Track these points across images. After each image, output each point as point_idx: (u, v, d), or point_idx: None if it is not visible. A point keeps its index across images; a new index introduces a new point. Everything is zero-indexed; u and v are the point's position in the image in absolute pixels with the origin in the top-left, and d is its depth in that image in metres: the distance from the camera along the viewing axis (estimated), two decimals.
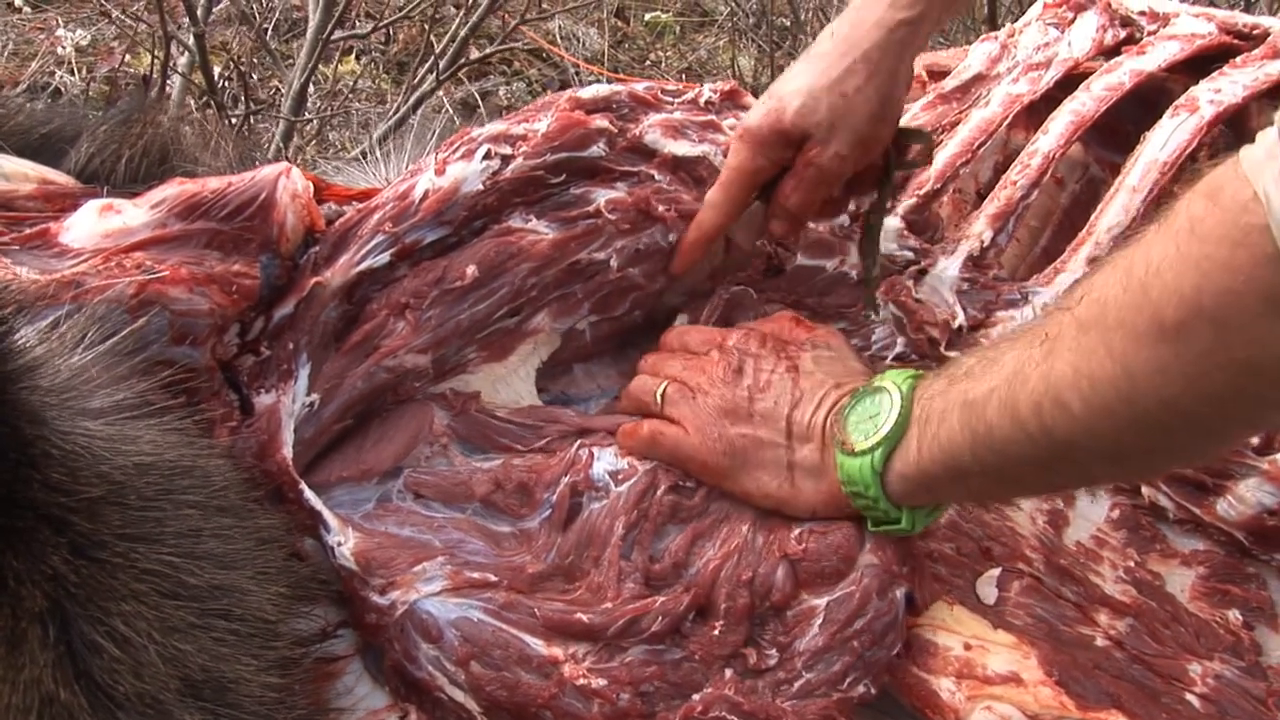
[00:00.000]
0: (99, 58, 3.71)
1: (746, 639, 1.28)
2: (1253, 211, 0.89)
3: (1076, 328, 1.06)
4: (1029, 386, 1.10)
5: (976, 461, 1.17)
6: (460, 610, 1.23)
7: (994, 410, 1.14)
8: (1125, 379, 1.01)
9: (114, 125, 1.35)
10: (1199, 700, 1.36)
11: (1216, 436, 1.08)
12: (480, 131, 1.39)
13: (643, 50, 4.63)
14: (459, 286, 1.36)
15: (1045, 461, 1.13)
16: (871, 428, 1.27)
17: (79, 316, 1.10)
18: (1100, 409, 1.04)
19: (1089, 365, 1.04)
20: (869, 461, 1.25)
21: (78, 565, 0.94)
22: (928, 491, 1.27)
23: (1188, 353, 0.96)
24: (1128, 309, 1.00)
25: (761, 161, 1.44)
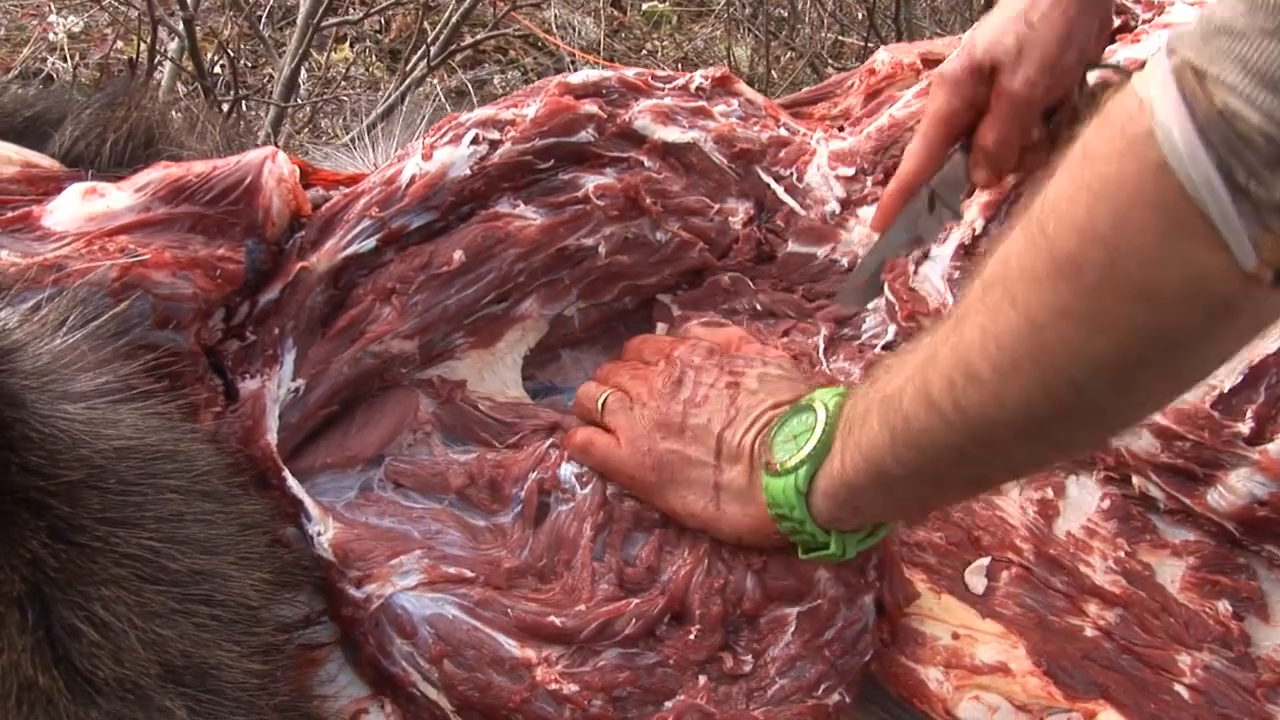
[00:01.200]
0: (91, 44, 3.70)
1: (722, 644, 1.28)
2: (1138, 120, 0.85)
3: (982, 288, 1.00)
4: (940, 365, 1.04)
5: (898, 463, 1.11)
6: (435, 606, 1.22)
7: (909, 399, 1.08)
8: (1029, 330, 0.95)
9: (99, 109, 1.34)
10: (1188, 691, 1.35)
11: (1129, 392, 0.98)
12: (468, 116, 1.39)
13: (639, 40, 4.62)
14: (446, 272, 1.35)
15: (964, 448, 1.06)
16: (795, 446, 1.21)
17: (60, 300, 1.09)
18: (1009, 370, 0.98)
19: (995, 324, 0.98)
20: (792, 481, 1.20)
21: (57, 549, 0.94)
22: (854, 510, 1.20)
23: (1085, 285, 0.91)
24: (1027, 254, 0.95)
25: (957, 103, 1.45)
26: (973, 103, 1.45)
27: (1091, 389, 0.96)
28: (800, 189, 1.54)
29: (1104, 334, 0.91)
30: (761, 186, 1.54)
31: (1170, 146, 0.82)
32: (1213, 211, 0.82)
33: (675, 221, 1.48)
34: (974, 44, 1.43)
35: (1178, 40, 0.85)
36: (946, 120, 1.46)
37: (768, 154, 1.54)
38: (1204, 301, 0.87)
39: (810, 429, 1.21)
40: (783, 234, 1.55)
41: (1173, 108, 0.83)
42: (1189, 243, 0.84)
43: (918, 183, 1.48)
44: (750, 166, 1.53)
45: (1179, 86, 0.83)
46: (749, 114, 1.55)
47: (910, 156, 1.48)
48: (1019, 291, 0.95)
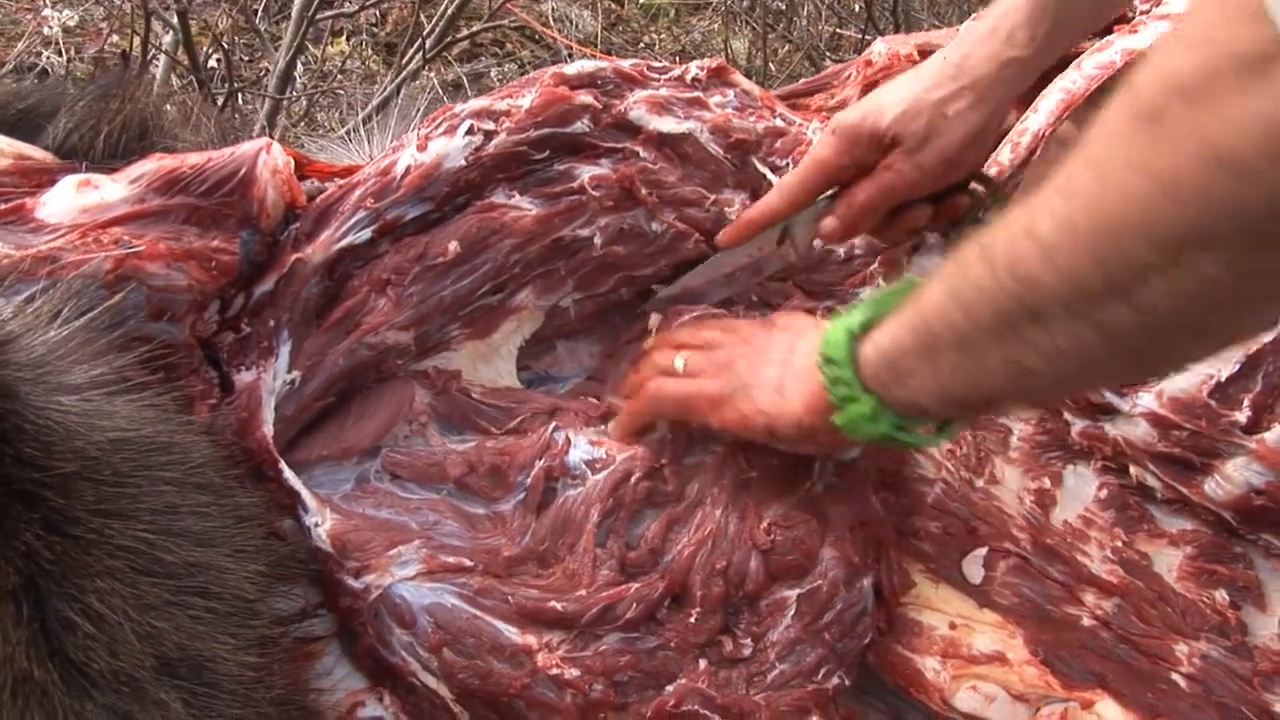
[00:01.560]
0: (86, 38, 3.69)
1: (722, 627, 1.28)
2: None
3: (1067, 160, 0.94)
4: (1011, 224, 0.99)
5: (945, 322, 1.08)
6: (434, 595, 1.22)
7: (974, 256, 1.03)
8: (1098, 185, 0.89)
9: (92, 101, 1.33)
10: (1185, 680, 1.35)
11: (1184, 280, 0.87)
12: (463, 107, 1.39)
13: (636, 33, 4.61)
14: (441, 263, 1.35)
15: (1008, 312, 1.00)
16: (867, 302, 1.22)
17: (55, 292, 1.09)
18: (1066, 227, 0.92)
19: (1068, 180, 0.93)
20: (846, 324, 1.20)
21: (51, 541, 0.94)
22: (895, 372, 1.17)
23: (1163, 141, 0.83)
24: (1112, 110, 0.89)
25: (846, 160, 1.44)
26: (860, 163, 1.44)
27: (1143, 263, 0.87)
28: None
29: (1173, 200, 0.83)
30: (757, 177, 1.54)
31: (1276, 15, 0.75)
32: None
33: (671, 212, 1.48)
34: (882, 111, 1.41)
35: None
36: (829, 171, 1.45)
37: (764, 144, 1.54)
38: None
39: (889, 291, 1.22)
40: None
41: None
42: (1274, 102, 0.77)
43: (779, 219, 1.48)
44: (746, 157, 1.53)
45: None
46: (745, 105, 1.55)
47: (781, 192, 1.47)
48: (1097, 148, 0.90)
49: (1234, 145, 0.79)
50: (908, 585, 1.35)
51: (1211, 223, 0.82)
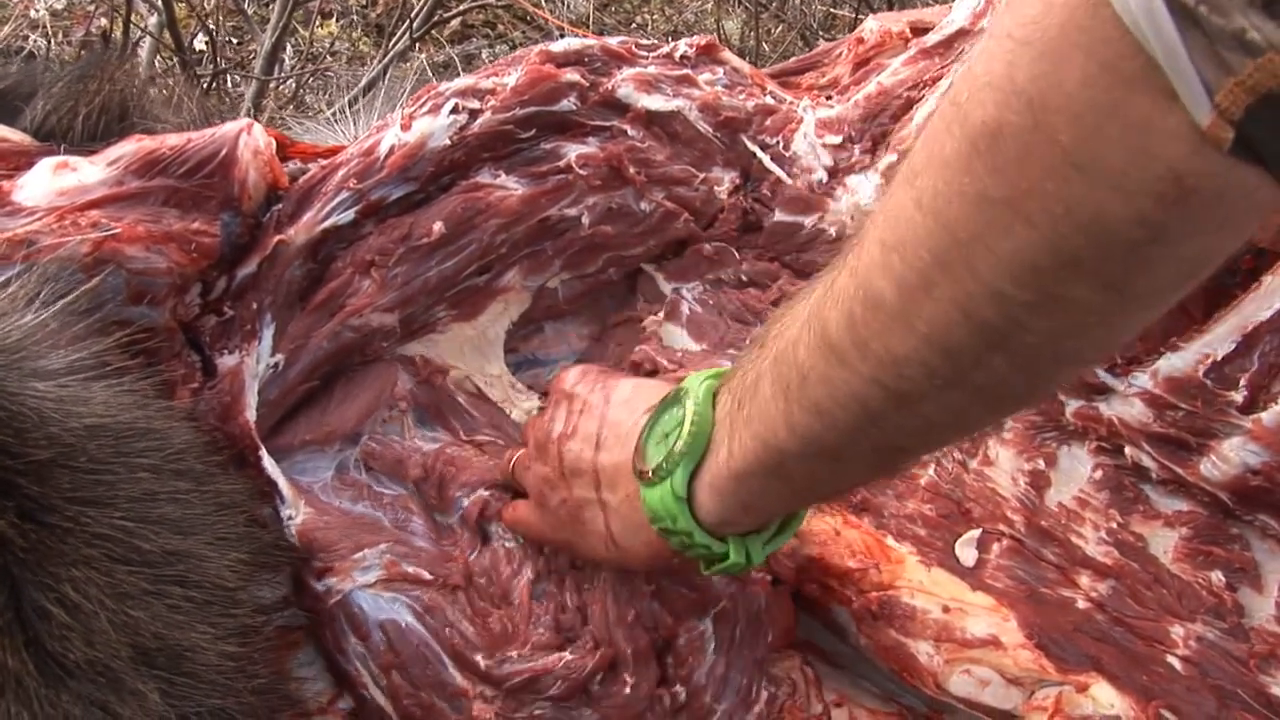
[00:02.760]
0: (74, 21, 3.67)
1: (660, 677, 1.26)
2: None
3: (882, 196, 0.84)
4: (838, 296, 0.86)
5: (793, 433, 0.94)
6: (390, 609, 1.22)
7: (804, 347, 0.90)
8: (940, 231, 0.77)
9: (70, 82, 1.32)
10: (1180, 662, 1.34)
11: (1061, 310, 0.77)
12: (447, 86, 1.37)
13: (629, 13, 4.59)
14: (426, 244, 1.34)
15: (868, 401, 0.88)
16: (666, 446, 1.07)
17: (31, 276, 1.08)
18: (916, 285, 0.79)
19: (897, 231, 0.80)
20: (669, 486, 1.05)
21: (26, 529, 0.93)
22: (744, 507, 1.05)
23: (1006, 159, 0.72)
24: (935, 137, 0.77)
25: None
26: None
27: (1015, 304, 0.77)
28: (787, 158, 1.52)
29: (1029, 225, 0.73)
30: (747, 155, 1.52)
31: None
32: (1156, 47, 0.65)
33: (659, 191, 1.46)
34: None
35: None
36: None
37: (754, 122, 1.52)
38: (1149, 173, 0.68)
39: (680, 423, 1.06)
40: (769, 203, 1.53)
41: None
42: (1129, 92, 0.67)
43: None
44: (736, 135, 1.51)
45: None
46: (735, 82, 1.53)
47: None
48: (925, 185, 0.78)
49: (1092, 154, 0.70)
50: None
51: (1079, 241, 0.73)
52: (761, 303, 1.51)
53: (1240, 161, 0.67)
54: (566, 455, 1.18)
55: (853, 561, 1.34)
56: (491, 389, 1.44)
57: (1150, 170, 0.68)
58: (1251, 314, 1.34)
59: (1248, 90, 0.64)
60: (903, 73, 1.61)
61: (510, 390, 1.45)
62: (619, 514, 1.15)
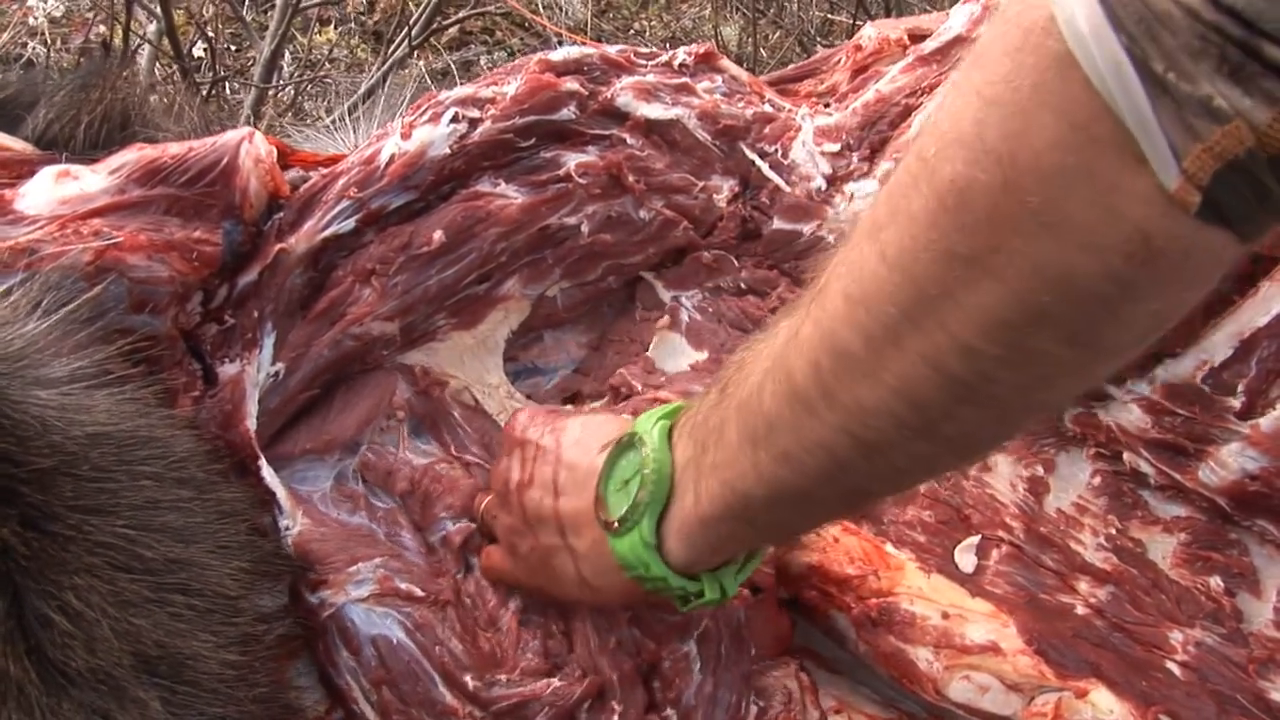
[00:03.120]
0: (72, 28, 3.67)
1: (648, 703, 1.26)
2: (1035, 6, 0.69)
3: (845, 247, 0.83)
4: (802, 345, 0.87)
5: (761, 480, 0.94)
6: (382, 625, 1.21)
7: (769, 395, 0.91)
8: (907, 286, 0.77)
9: (72, 91, 1.32)
10: (1180, 668, 1.34)
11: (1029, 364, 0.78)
12: (447, 95, 1.37)
13: (626, 19, 4.60)
14: (426, 252, 1.34)
15: (835, 448, 0.88)
16: (629, 494, 1.06)
17: (33, 284, 1.07)
18: (883, 339, 0.80)
19: (862, 285, 0.80)
20: (637, 536, 1.05)
21: (28, 537, 0.92)
22: (715, 549, 1.06)
23: (975, 217, 0.73)
24: (900, 192, 0.78)
25: None
26: None
27: (984, 357, 0.77)
28: (785, 165, 1.53)
29: (997, 280, 0.73)
30: (746, 163, 1.52)
31: (1073, 32, 0.66)
32: (1125, 111, 0.66)
33: (659, 199, 1.47)
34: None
35: None
36: None
37: (752, 130, 1.52)
38: (1118, 234, 0.69)
39: (639, 470, 1.06)
40: (768, 211, 1.53)
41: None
42: (1098, 153, 0.68)
43: None
44: (735, 143, 1.51)
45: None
46: (733, 90, 1.54)
47: None
48: (890, 239, 0.78)
49: (1061, 213, 0.71)
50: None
51: (1047, 298, 0.73)
52: (761, 310, 1.52)
53: (1206, 224, 0.68)
54: (528, 504, 1.18)
55: (852, 568, 1.34)
56: (488, 400, 1.43)
57: (1119, 231, 0.69)
58: (1249, 320, 1.34)
59: (1215, 156, 0.65)
60: (901, 80, 1.61)
61: (507, 401, 1.45)
62: (588, 559, 1.14)
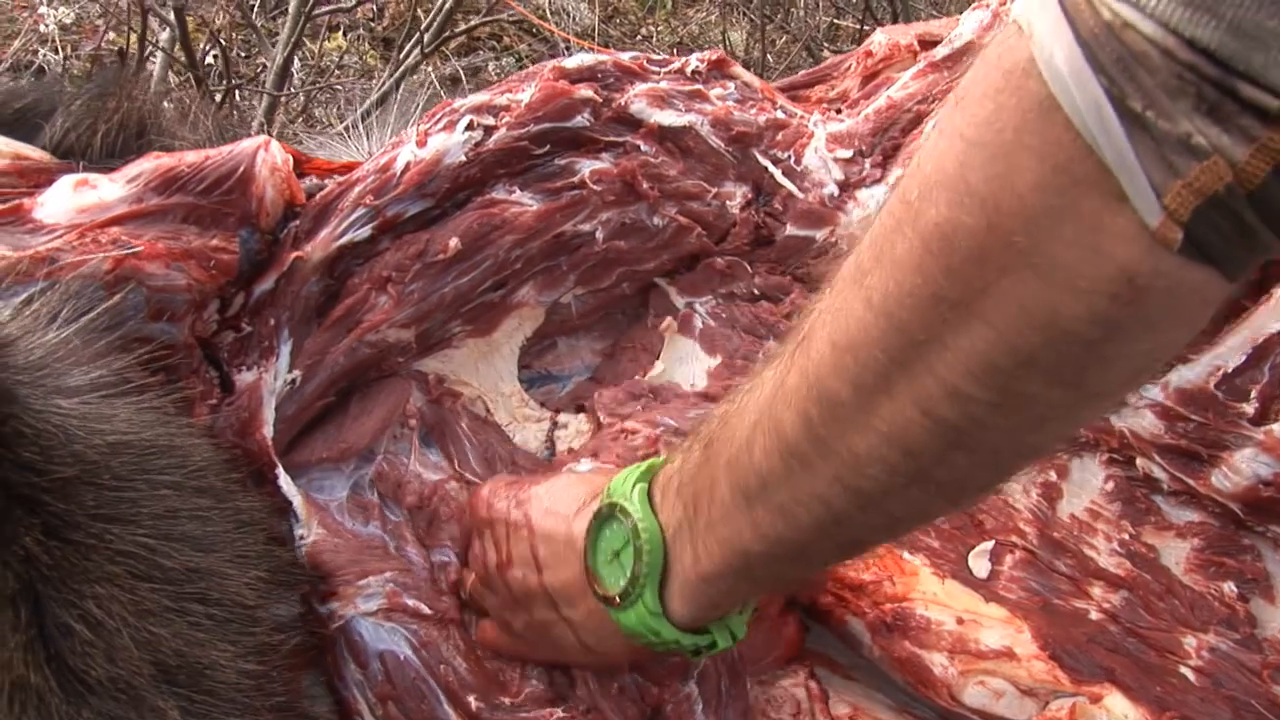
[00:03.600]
0: (83, 36, 3.68)
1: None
2: (1016, 48, 0.69)
3: (829, 293, 0.83)
4: (790, 395, 0.87)
5: (758, 537, 0.94)
6: (390, 640, 1.21)
7: (760, 450, 0.90)
8: (893, 332, 0.78)
9: (89, 99, 1.33)
10: (1194, 673, 1.34)
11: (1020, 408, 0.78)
12: (462, 102, 1.38)
13: (634, 25, 4.60)
14: (441, 259, 1.34)
15: (830, 499, 0.88)
16: (623, 567, 1.06)
17: (53, 293, 1.07)
18: (872, 386, 0.80)
19: (848, 332, 0.81)
20: (642, 608, 1.04)
21: (50, 546, 0.93)
22: (715, 605, 1.06)
23: (960, 260, 0.73)
24: (884, 235, 0.78)
25: None
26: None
27: (974, 402, 0.78)
28: (798, 172, 1.53)
29: (984, 323, 0.74)
30: (759, 170, 1.53)
31: (1053, 73, 0.67)
32: (1106, 150, 0.67)
33: (672, 206, 1.47)
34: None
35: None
36: None
37: (765, 137, 1.53)
38: (1102, 273, 0.70)
39: (628, 541, 1.05)
40: (781, 217, 1.54)
41: (1054, 27, 0.68)
42: (1081, 194, 0.69)
43: None
44: (748, 150, 1.52)
45: (1060, 3, 0.68)
46: (746, 97, 1.54)
47: None
48: (875, 284, 0.78)
49: (1046, 255, 0.71)
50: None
51: (1034, 339, 0.74)
52: (774, 316, 1.52)
53: (1190, 261, 0.69)
54: (512, 583, 1.18)
55: (866, 574, 1.35)
56: (500, 410, 1.44)
57: (1103, 271, 0.70)
58: (1262, 326, 1.35)
59: (1195, 192, 0.66)
60: (912, 86, 1.62)
61: (519, 409, 1.45)
62: (587, 627, 1.14)
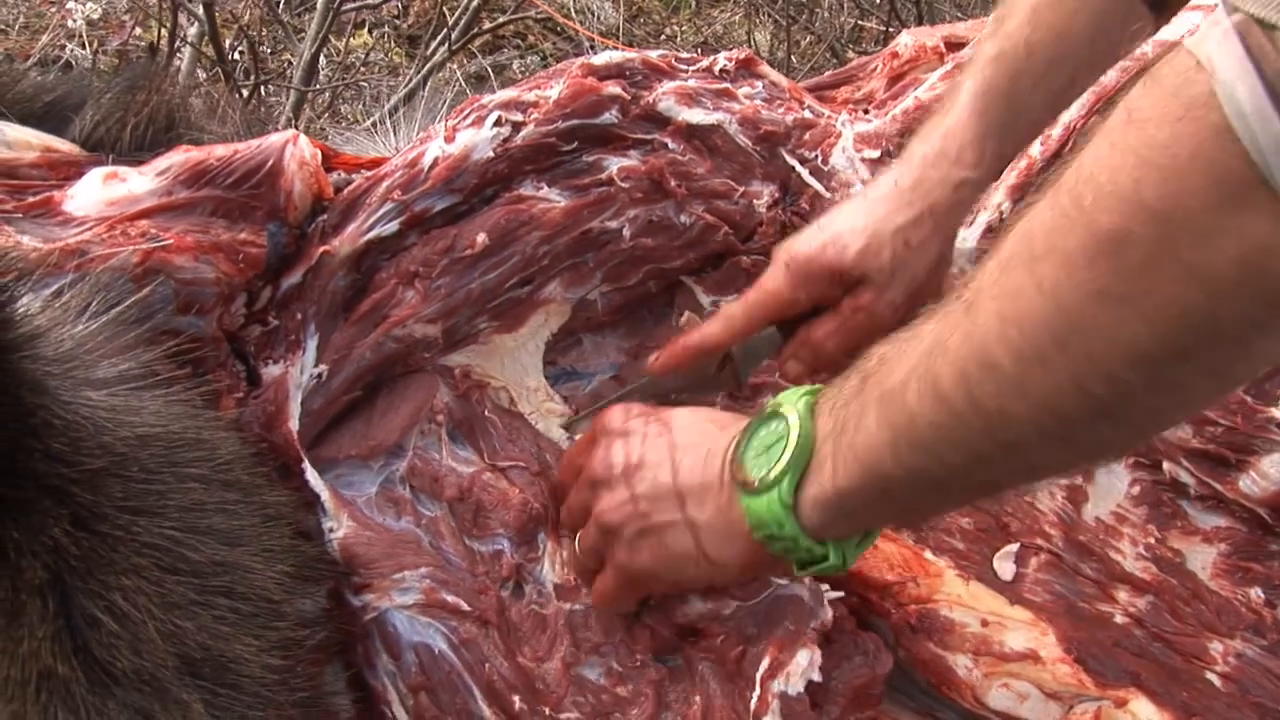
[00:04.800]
0: (110, 31, 3.69)
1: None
2: (1195, 81, 0.76)
3: (999, 269, 0.90)
4: (951, 354, 0.94)
5: (900, 465, 1.01)
6: (425, 634, 1.21)
7: (914, 394, 0.97)
8: (1059, 315, 0.85)
9: (119, 93, 1.33)
10: (1220, 679, 1.34)
11: (1168, 390, 0.86)
12: (491, 98, 1.38)
13: (658, 24, 4.60)
14: (469, 255, 1.34)
15: (978, 448, 0.95)
16: (769, 459, 1.10)
17: (82, 285, 1.08)
18: (1034, 359, 0.87)
19: (1017, 308, 0.88)
20: (776, 496, 1.09)
21: (78, 537, 0.93)
22: (849, 517, 1.10)
23: (1129, 264, 0.81)
24: (1057, 230, 0.85)
25: (802, 295, 1.35)
26: (819, 300, 1.36)
27: (1126, 384, 0.85)
28: (825, 172, 1.53)
29: (1146, 321, 0.82)
30: (786, 169, 1.53)
31: (1234, 107, 0.74)
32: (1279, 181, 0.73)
33: (700, 204, 1.47)
34: (845, 246, 1.31)
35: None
36: (782, 305, 1.36)
37: (792, 136, 1.53)
38: (1262, 285, 0.77)
39: (782, 437, 1.11)
40: (808, 217, 1.53)
41: (1237, 65, 0.74)
42: (1251, 216, 0.75)
43: (721, 350, 1.39)
44: (775, 149, 1.52)
45: (1244, 43, 0.74)
46: (773, 96, 1.54)
47: (725, 320, 1.37)
48: (1047, 272, 0.86)
49: (1212, 267, 0.77)
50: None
51: (1190, 339, 0.81)
52: None
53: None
54: (639, 484, 1.20)
55: (891, 575, 1.34)
56: (524, 403, 1.44)
57: (1264, 282, 0.77)
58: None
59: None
60: (940, 88, 1.61)
61: (544, 404, 1.45)
62: (710, 528, 1.16)
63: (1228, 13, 0.76)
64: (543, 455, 1.38)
